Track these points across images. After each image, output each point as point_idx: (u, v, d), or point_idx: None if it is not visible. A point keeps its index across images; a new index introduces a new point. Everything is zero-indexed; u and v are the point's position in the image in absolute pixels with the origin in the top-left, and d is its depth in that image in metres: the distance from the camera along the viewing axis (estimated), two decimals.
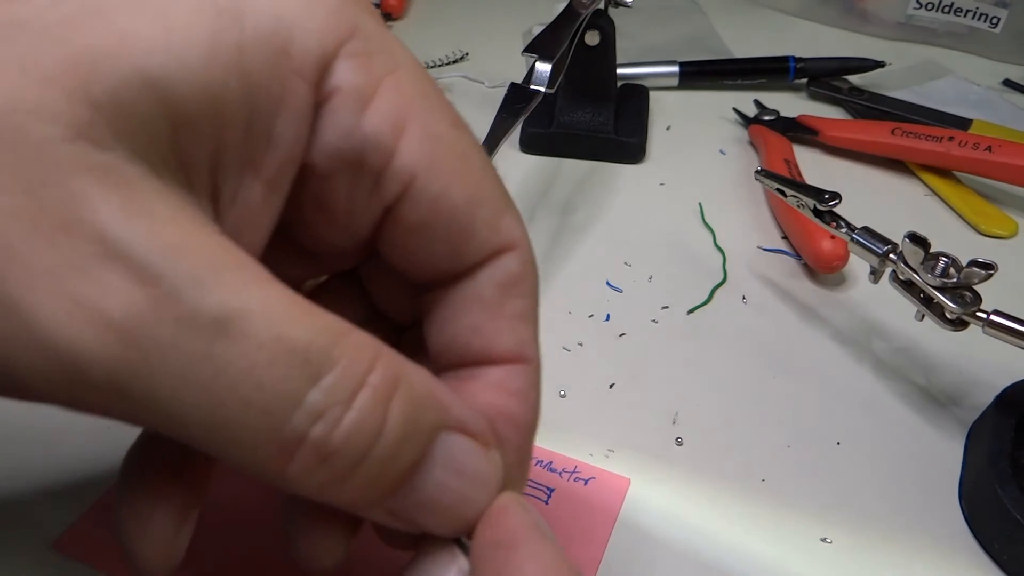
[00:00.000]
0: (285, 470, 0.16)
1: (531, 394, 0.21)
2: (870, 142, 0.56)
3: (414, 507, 0.18)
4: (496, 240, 0.21)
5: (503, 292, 0.21)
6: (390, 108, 0.19)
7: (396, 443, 0.17)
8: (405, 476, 0.18)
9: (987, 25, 0.68)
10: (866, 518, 0.34)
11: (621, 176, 0.55)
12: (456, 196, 0.20)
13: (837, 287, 0.46)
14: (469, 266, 0.21)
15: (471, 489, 0.19)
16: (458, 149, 0.20)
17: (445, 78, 0.65)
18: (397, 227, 0.20)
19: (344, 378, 0.16)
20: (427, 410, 0.18)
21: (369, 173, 0.19)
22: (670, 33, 0.73)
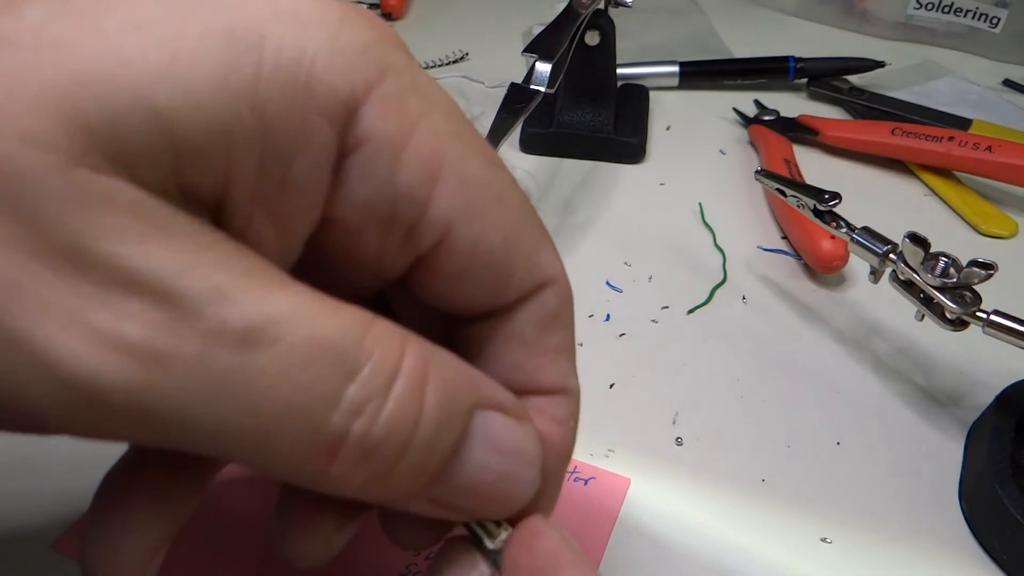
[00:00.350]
0: (328, 471, 0.16)
1: (570, 423, 0.21)
2: (870, 142, 0.56)
3: (457, 492, 0.18)
4: (534, 277, 0.20)
5: (543, 328, 0.21)
6: (424, 156, 0.18)
7: (436, 428, 0.17)
8: (447, 460, 0.17)
9: (987, 25, 0.68)
10: (866, 518, 0.34)
11: (621, 176, 0.55)
12: (493, 240, 0.19)
13: (837, 287, 0.46)
14: (507, 304, 0.20)
15: (514, 465, 0.18)
16: (494, 191, 0.19)
17: (445, 78, 0.65)
18: (431, 273, 0.20)
19: (379, 369, 0.16)
20: (460, 390, 0.17)
21: (402, 226, 0.18)
22: (670, 33, 0.73)
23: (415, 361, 0.16)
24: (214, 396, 0.15)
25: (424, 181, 0.18)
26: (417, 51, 0.71)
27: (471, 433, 0.18)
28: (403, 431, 0.16)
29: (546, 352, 0.21)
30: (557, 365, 0.21)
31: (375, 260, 0.19)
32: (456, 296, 0.20)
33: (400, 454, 0.16)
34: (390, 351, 0.16)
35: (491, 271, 0.19)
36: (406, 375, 0.16)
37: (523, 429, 0.19)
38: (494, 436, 0.18)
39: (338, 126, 0.17)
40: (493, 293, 0.20)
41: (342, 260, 0.20)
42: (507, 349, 0.21)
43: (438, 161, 0.18)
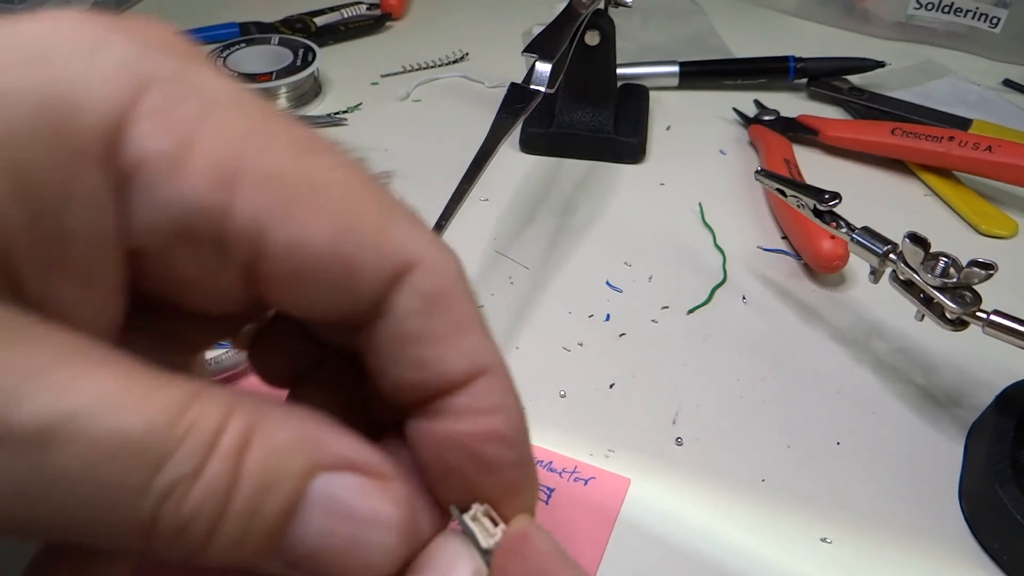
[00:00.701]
0: (150, 548, 0.16)
1: (506, 401, 0.19)
2: (870, 142, 0.56)
3: (309, 558, 0.17)
4: (389, 265, 0.18)
5: (426, 315, 0.18)
6: (211, 163, 0.16)
7: (254, 496, 0.16)
8: (279, 528, 0.16)
9: (987, 25, 0.68)
10: (866, 518, 0.34)
11: (621, 176, 0.55)
12: (318, 236, 0.17)
13: (837, 287, 0.46)
14: (373, 302, 0.18)
15: (363, 531, 0.17)
16: (310, 182, 0.17)
17: (445, 78, 0.65)
18: (271, 287, 0.18)
19: (190, 453, 0.15)
20: (292, 454, 0.16)
21: (208, 242, 0.17)
22: (670, 33, 0.73)
23: (235, 433, 0.16)
24: (22, 497, 0.14)
25: (216, 190, 0.16)
26: (417, 51, 0.71)
27: (308, 498, 0.16)
28: (212, 506, 0.15)
29: (440, 340, 0.18)
30: (459, 349, 0.19)
31: (207, 285, 0.18)
32: (311, 306, 0.18)
33: (211, 529, 0.16)
34: (205, 431, 0.15)
35: (330, 271, 0.17)
36: (222, 451, 0.16)
37: (376, 491, 0.17)
38: (339, 500, 0.17)
39: (103, 161, 0.16)
40: (348, 294, 0.18)
41: (175, 290, 0.19)
42: (398, 349, 0.19)
43: (230, 165, 0.16)
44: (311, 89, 0.62)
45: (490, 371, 0.19)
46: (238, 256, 0.17)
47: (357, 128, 0.59)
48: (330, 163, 0.18)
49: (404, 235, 0.18)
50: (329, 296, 0.18)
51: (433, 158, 0.55)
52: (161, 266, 0.18)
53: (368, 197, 0.18)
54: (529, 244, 0.49)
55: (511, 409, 0.19)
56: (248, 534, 0.16)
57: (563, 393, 0.39)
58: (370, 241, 0.18)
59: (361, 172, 0.19)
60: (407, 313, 0.18)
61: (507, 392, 0.19)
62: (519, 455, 0.20)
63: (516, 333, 0.43)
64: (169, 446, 0.15)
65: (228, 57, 0.61)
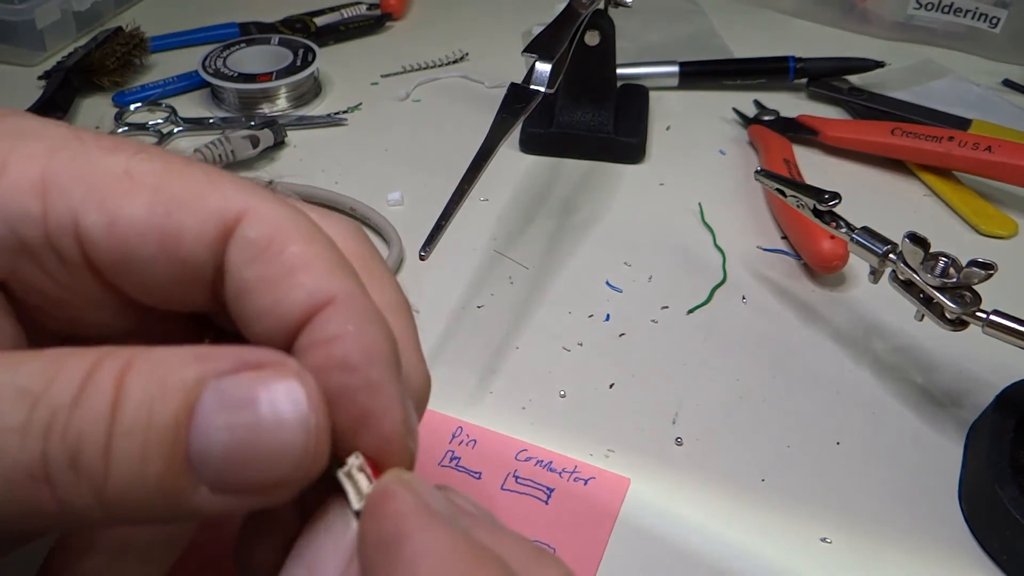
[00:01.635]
0: (55, 499, 0.16)
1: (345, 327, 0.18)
2: (870, 142, 0.56)
3: (227, 468, 0.16)
4: (210, 224, 0.18)
5: (258, 263, 0.19)
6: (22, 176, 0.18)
7: (138, 409, 0.16)
8: (176, 437, 0.16)
9: (987, 25, 0.68)
10: (866, 518, 0.34)
11: (621, 176, 0.55)
12: (131, 211, 0.18)
13: (837, 287, 0.46)
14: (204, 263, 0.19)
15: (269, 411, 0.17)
16: (117, 170, 0.19)
17: (445, 78, 0.65)
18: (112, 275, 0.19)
19: (64, 385, 0.16)
20: (175, 368, 0.16)
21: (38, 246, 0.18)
22: (670, 33, 0.73)
23: (113, 366, 0.16)
24: None
25: (31, 197, 0.18)
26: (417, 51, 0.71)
27: (201, 403, 0.16)
28: (98, 428, 0.16)
29: (276, 284, 0.18)
30: (297, 287, 0.18)
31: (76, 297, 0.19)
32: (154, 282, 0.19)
33: (104, 450, 0.16)
34: (78, 368, 0.16)
35: (152, 242, 0.18)
36: (98, 379, 0.16)
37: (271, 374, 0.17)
38: (229, 394, 0.17)
39: None
40: (179, 263, 0.19)
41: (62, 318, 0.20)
42: (245, 304, 0.19)
43: (39, 175, 0.18)
44: (311, 89, 0.62)
45: (334, 302, 0.19)
46: (70, 253, 0.18)
47: (357, 128, 0.59)
48: (137, 154, 0.19)
49: (223, 194, 0.19)
50: (163, 267, 0.19)
51: (433, 158, 0.55)
52: (23, 289, 0.19)
53: (182, 173, 0.19)
54: (529, 244, 0.49)
55: (353, 334, 0.18)
56: (146, 447, 0.16)
57: (563, 393, 0.39)
58: (186, 205, 0.19)
59: (173, 156, 0.19)
60: (239, 266, 0.19)
61: (352, 317, 0.19)
62: (365, 378, 0.18)
63: (516, 333, 0.43)
64: (42, 385, 0.16)
65: (228, 57, 0.61)
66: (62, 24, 0.65)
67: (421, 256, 0.36)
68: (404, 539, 0.16)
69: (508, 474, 0.35)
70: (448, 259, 0.46)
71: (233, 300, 0.19)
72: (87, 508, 0.16)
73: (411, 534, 0.17)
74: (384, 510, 0.17)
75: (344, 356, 0.18)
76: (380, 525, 0.17)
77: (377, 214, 0.49)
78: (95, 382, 0.16)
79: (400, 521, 0.17)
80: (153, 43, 0.65)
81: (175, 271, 0.19)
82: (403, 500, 0.17)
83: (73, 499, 0.16)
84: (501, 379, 0.40)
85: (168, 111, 0.59)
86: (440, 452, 0.36)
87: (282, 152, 0.56)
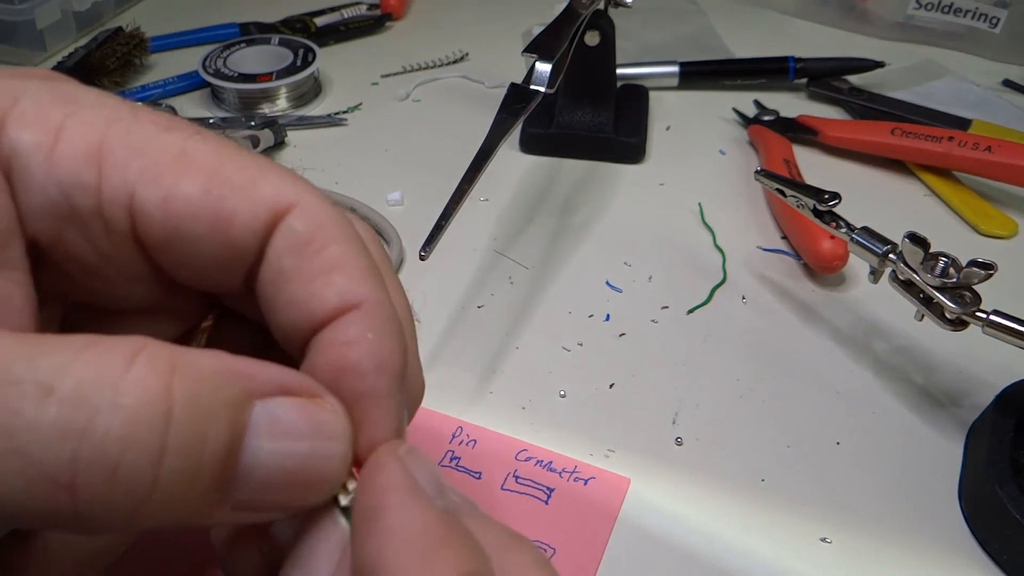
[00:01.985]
0: (77, 509, 0.14)
1: (365, 334, 0.19)
2: (870, 142, 0.56)
3: (260, 489, 0.16)
4: (262, 210, 0.19)
5: (299, 255, 0.19)
6: (79, 144, 0.18)
7: (193, 426, 0.15)
8: (226, 458, 0.16)
9: (987, 25, 0.68)
10: (866, 518, 0.34)
11: (621, 176, 0.55)
12: (187, 190, 0.18)
13: (837, 287, 0.46)
14: (250, 248, 0.19)
15: (316, 445, 0.17)
16: (174, 149, 0.19)
17: (445, 78, 0.65)
18: (158, 250, 0.19)
19: (88, 380, 0.15)
20: (223, 384, 0.16)
21: (89, 214, 0.19)
22: (670, 33, 0.73)
23: (151, 365, 0.15)
24: None
25: (86, 166, 0.18)
26: (417, 51, 0.71)
27: (252, 423, 0.16)
28: (147, 436, 0.15)
29: (312, 277, 0.19)
30: (330, 285, 0.19)
31: (112, 270, 0.20)
32: (199, 262, 0.19)
33: (156, 462, 0.15)
34: (106, 362, 0.15)
35: (204, 221, 0.19)
36: (137, 380, 0.15)
37: (315, 405, 0.18)
38: (282, 421, 0.17)
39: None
40: (227, 246, 0.19)
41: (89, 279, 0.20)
42: (276, 291, 0.19)
43: (96, 144, 0.18)
44: (311, 89, 0.62)
45: (362, 306, 0.19)
46: (118, 223, 0.19)
47: (357, 128, 0.59)
48: (193, 135, 0.19)
49: (275, 184, 0.19)
50: (211, 248, 0.19)
51: (433, 158, 0.55)
52: (63, 256, 0.19)
53: (236, 157, 0.19)
54: (529, 244, 0.49)
55: (371, 342, 0.19)
56: (199, 470, 0.15)
57: (563, 393, 0.39)
58: (241, 190, 0.19)
59: (227, 141, 0.20)
60: (280, 254, 0.19)
61: (372, 325, 0.19)
62: (371, 387, 0.19)
63: (516, 333, 0.43)
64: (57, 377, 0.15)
65: (228, 57, 0.61)
66: (62, 24, 0.65)
67: (421, 256, 0.36)
68: (382, 511, 0.17)
69: (508, 474, 0.35)
70: (448, 259, 0.46)
71: (266, 284, 0.20)
72: (110, 518, 0.15)
73: (389, 507, 0.17)
74: (372, 482, 0.18)
75: (357, 362, 0.19)
76: (366, 496, 0.18)
77: (377, 214, 0.49)
78: (143, 386, 0.15)
79: (383, 493, 0.17)
80: (153, 43, 0.65)
81: (221, 253, 0.19)
82: (389, 472, 0.18)
83: (97, 509, 0.15)
84: (501, 379, 0.40)
85: (168, 111, 0.59)
86: (440, 452, 0.36)
87: (282, 152, 0.56)
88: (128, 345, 0.16)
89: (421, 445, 0.37)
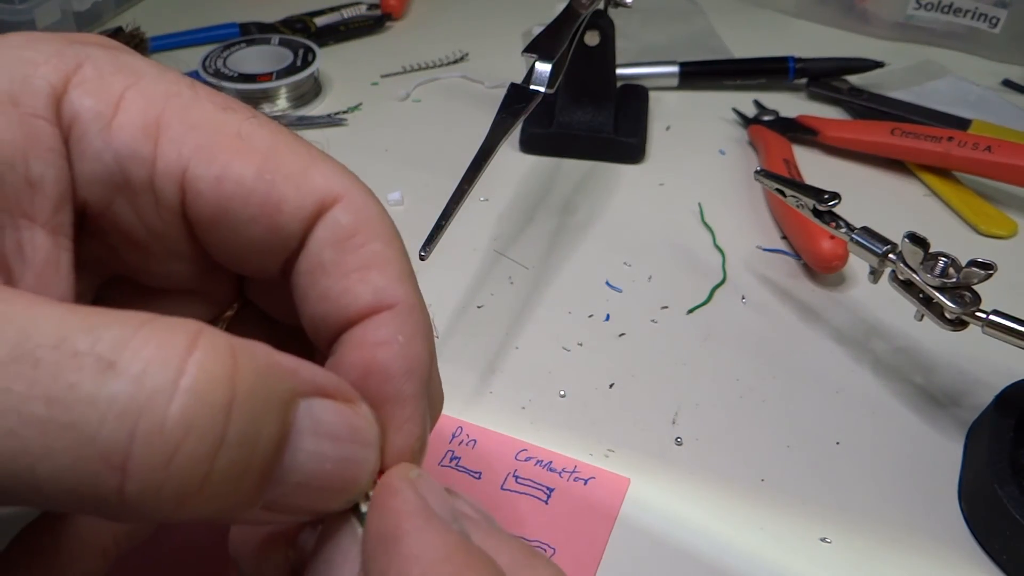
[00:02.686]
0: (124, 492, 0.14)
1: (396, 336, 0.19)
2: (870, 142, 0.56)
3: (295, 490, 0.16)
4: (310, 200, 0.19)
5: (340, 248, 0.19)
6: (138, 117, 0.18)
7: (252, 419, 0.15)
8: (274, 456, 0.16)
9: (987, 25, 0.68)
10: (866, 518, 0.34)
11: (621, 176, 0.55)
12: (241, 172, 0.19)
13: (837, 287, 0.46)
14: (295, 236, 0.19)
15: (350, 450, 0.17)
16: (231, 130, 0.19)
17: (445, 78, 0.65)
18: (204, 229, 0.19)
19: (152, 361, 0.14)
20: (277, 378, 0.16)
21: (141, 186, 0.19)
22: (670, 33, 0.73)
23: (213, 350, 0.15)
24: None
25: (143, 138, 0.18)
26: (417, 51, 0.71)
27: (297, 423, 0.16)
28: (209, 426, 0.14)
29: (349, 272, 0.19)
30: (367, 282, 0.19)
31: (151, 236, 0.20)
32: (245, 248, 0.19)
33: (212, 453, 0.14)
34: (169, 342, 0.14)
35: (254, 204, 0.19)
36: (199, 364, 0.14)
37: (352, 410, 0.18)
38: (324, 423, 0.17)
39: (52, 120, 0.18)
40: (273, 228, 0.19)
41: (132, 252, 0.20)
42: (313, 282, 0.19)
43: (154, 118, 0.19)
44: (311, 89, 0.62)
45: (396, 307, 0.19)
46: (168, 196, 0.19)
47: (357, 128, 0.59)
48: (250, 118, 0.20)
49: (326, 174, 0.20)
50: (257, 231, 0.19)
51: (433, 158, 0.55)
52: (109, 226, 0.19)
53: (290, 144, 0.20)
54: (529, 244, 0.49)
55: (402, 345, 0.19)
56: (250, 465, 0.15)
57: (563, 393, 0.39)
58: (292, 177, 0.19)
59: (282, 127, 0.20)
60: (321, 245, 0.19)
61: (406, 329, 0.19)
62: (403, 391, 0.19)
63: (516, 333, 0.43)
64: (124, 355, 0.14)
65: (228, 57, 0.61)
66: (62, 24, 0.65)
67: (421, 256, 0.36)
68: (401, 538, 0.17)
69: (508, 474, 0.35)
70: (448, 259, 0.46)
71: (302, 273, 0.20)
72: (156, 506, 0.14)
73: (408, 533, 0.17)
74: (386, 506, 0.18)
75: (387, 364, 0.19)
76: (381, 520, 0.18)
77: None
78: (206, 372, 0.14)
79: (399, 519, 0.17)
80: (153, 43, 0.65)
81: (266, 237, 0.19)
82: (404, 498, 0.18)
83: (147, 495, 0.14)
84: (501, 379, 0.40)
85: None
86: (440, 452, 0.36)
87: None
88: (188, 326, 0.15)
89: None
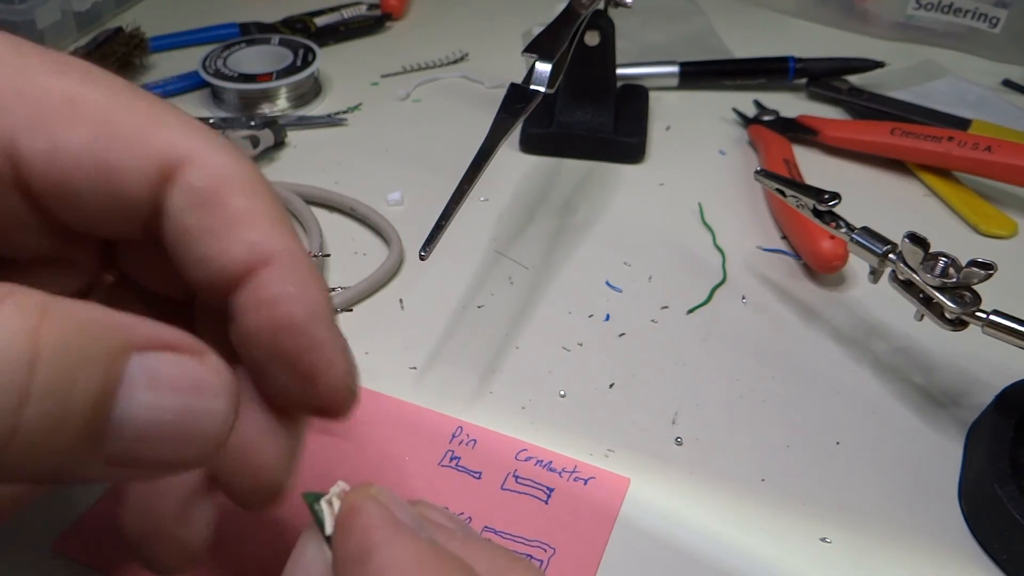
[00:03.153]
0: None
1: (286, 289, 0.19)
2: (870, 142, 0.56)
3: (136, 444, 0.16)
4: (150, 164, 0.18)
5: (202, 212, 0.18)
6: None
7: (63, 371, 0.15)
8: (97, 409, 0.15)
9: (987, 25, 0.68)
10: (866, 518, 0.34)
11: (621, 176, 0.55)
12: (71, 141, 0.18)
13: (837, 287, 0.46)
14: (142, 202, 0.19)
15: (193, 399, 0.17)
16: (61, 96, 0.18)
17: (445, 78, 0.65)
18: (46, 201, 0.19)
19: None
20: (98, 333, 0.16)
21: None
22: (670, 33, 0.73)
23: (19, 308, 0.15)
24: None
25: None
26: (417, 51, 0.71)
27: (128, 375, 0.16)
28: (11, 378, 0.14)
29: (216, 234, 0.18)
30: (237, 241, 0.18)
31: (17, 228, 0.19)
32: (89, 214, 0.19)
33: (19, 404, 0.14)
34: None
35: (91, 175, 0.18)
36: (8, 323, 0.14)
37: (197, 361, 0.17)
38: (160, 374, 0.16)
39: None
40: (116, 199, 0.18)
41: None
42: (183, 249, 0.19)
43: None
44: (311, 89, 0.62)
45: (274, 260, 0.19)
46: (1, 173, 0.18)
47: (357, 128, 0.59)
48: (85, 79, 0.19)
49: (170, 136, 0.19)
50: (99, 201, 0.18)
51: (433, 159, 0.55)
52: None
53: (130, 105, 0.19)
54: (529, 244, 0.49)
55: (296, 296, 0.19)
56: (67, 415, 0.15)
57: (563, 393, 0.39)
58: (130, 143, 0.18)
59: (123, 85, 0.19)
60: (180, 211, 0.19)
61: (292, 277, 0.19)
62: (311, 339, 0.19)
63: (516, 333, 0.43)
64: None
65: (228, 57, 0.61)
66: (62, 24, 0.65)
67: (421, 256, 0.36)
68: (372, 551, 0.17)
69: (508, 474, 0.35)
70: (448, 259, 0.46)
71: (172, 242, 0.19)
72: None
73: (378, 545, 0.17)
74: (352, 525, 0.18)
75: (289, 319, 0.18)
76: (349, 539, 0.18)
77: (377, 214, 0.49)
78: (7, 328, 0.14)
79: (368, 533, 0.17)
80: (153, 43, 0.65)
81: (111, 205, 0.19)
82: (369, 514, 0.18)
83: None
84: (501, 379, 0.40)
85: None
86: (440, 452, 0.36)
87: (282, 152, 0.56)
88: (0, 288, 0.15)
89: (421, 445, 0.37)
